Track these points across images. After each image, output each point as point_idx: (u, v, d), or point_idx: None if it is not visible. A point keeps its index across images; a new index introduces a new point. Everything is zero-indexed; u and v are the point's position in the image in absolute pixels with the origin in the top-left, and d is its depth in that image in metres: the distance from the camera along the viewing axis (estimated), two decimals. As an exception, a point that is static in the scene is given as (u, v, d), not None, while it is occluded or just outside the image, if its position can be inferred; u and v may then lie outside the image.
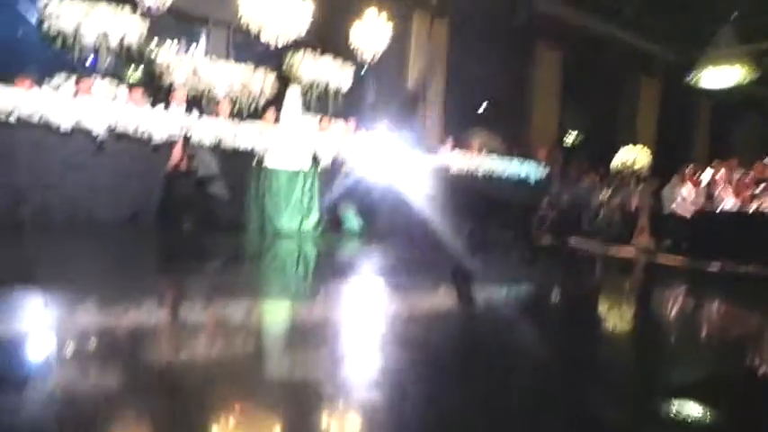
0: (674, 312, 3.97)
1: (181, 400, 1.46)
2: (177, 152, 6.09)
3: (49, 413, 1.30)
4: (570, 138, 14.24)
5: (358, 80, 9.90)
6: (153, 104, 6.97)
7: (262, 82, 8.74)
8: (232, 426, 1.36)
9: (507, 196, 8.50)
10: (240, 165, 6.78)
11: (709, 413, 1.76)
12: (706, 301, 4.66)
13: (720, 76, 10.51)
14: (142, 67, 8.76)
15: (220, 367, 1.78)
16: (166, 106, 6.98)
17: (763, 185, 8.01)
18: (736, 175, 8.70)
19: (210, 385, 1.59)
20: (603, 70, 12.63)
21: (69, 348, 1.82)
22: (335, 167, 7.41)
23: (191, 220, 6.04)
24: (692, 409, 1.78)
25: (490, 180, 8.99)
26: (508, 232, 6.98)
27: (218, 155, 6.52)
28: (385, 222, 7.01)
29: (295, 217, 6.09)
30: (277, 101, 8.24)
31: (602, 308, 3.99)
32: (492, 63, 10.71)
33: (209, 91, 8.31)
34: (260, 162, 6.55)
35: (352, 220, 6.92)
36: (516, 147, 10.50)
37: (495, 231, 6.57)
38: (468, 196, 6.08)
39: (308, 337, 2.33)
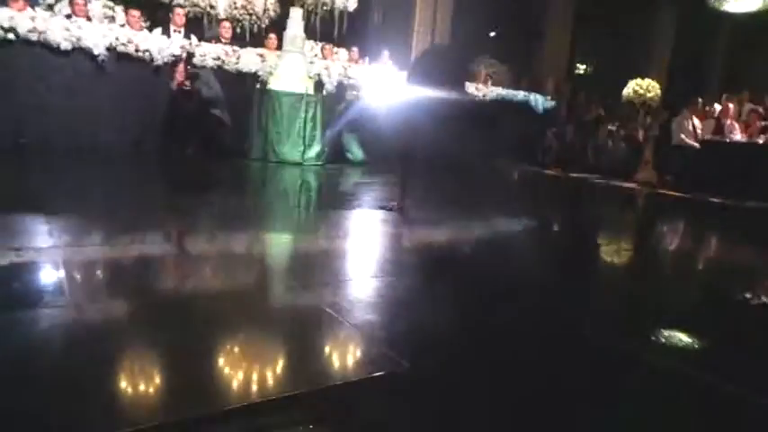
0: (662, 240, 4.05)
1: (188, 326, 1.55)
2: (180, 71, 6.00)
3: (55, 342, 1.38)
4: (582, 67, 13.85)
5: (365, 2, 9.53)
6: (151, 26, 6.79)
7: (264, 3, 8.45)
8: (240, 345, 1.44)
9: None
10: (242, 90, 6.69)
11: (698, 338, 1.85)
12: (697, 232, 4.73)
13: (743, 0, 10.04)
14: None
15: (225, 296, 1.86)
16: (165, 28, 6.80)
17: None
18: (747, 109, 8.54)
19: (217, 313, 1.67)
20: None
21: (75, 276, 1.90)
22: (339, 95, 7.30)
23: (193, 144, 6.06)
24: (681, 333, 1.87)
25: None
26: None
27: (219, 78, 6.43)
28: (388, 151, 6.98)
29: (298, 145, 6.06)
30: (279, 23, 8.02)
31: (596, 237, 4.05)
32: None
33: (209, 11, 8.07)
34: (263, 86, 6.45)
35: (355, 150, 6.90)
36: (524, 77, 10.27)
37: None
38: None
39: (310, 264, 2.41)
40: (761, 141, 7.45)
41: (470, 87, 8.84)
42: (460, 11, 10.56)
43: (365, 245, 2.80)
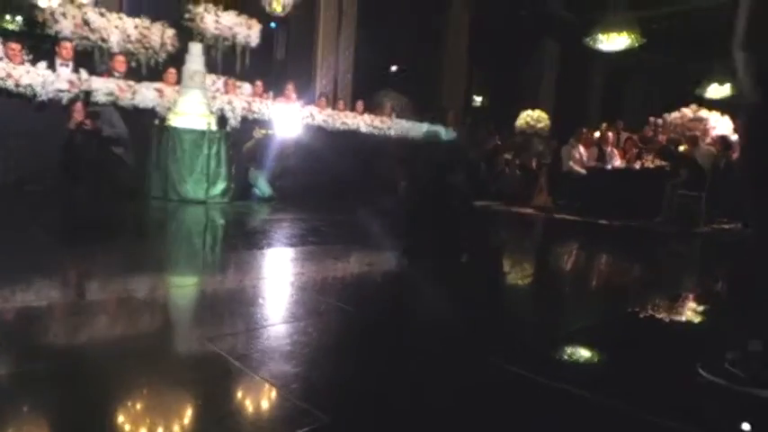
0: (560, 259, 4.33)
1: (85, 384, 1.43)
2: (79, 110, 5.62)
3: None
4: (478, 99, 14.66)
5: (267, 37, 9.53)
6: (35, 60, 6.35)
7: (160, 37, 8.20)
8: (141, 408, 1.35)
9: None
10: (140, 126, 6.40)
11: (593, 354, 1.97)
12: (592, 251, 5.11)
13: (613, 40, 11.16)
14: (20, 15, 7.92)
15: (126, 347, 1.74)
16: (51, 62, 6.39)
17: (646, 146, 8.77)
18: (623, 137, 9.44)
19: (116, 367, 1.56)
20: (510, 32, 12.99)
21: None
22: (244, 131, 7.18)
23: (87, 184, 5.68)
24: (578, 351, 1.98)
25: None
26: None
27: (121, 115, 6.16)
28: (296, 187, 6.94)
29: (201, 183, 5.86)
30: (178, 58, 7.82)
31: (503, 258, 4.25)
32: (403, 24, 10.70)
33: (100, 45, 7.70)
34: (162, 123, 6.21)
35: (263, 186, 6.78)
36: (427, 110, 10.69)
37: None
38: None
39: (217, 312, 2.32)
40: (637, 167, 8.24)
41: (376, 119, 9.04)
42: (363, 45, 10.86)
43: (275, 287, 2.74)
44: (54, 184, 5.67)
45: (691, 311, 2.86)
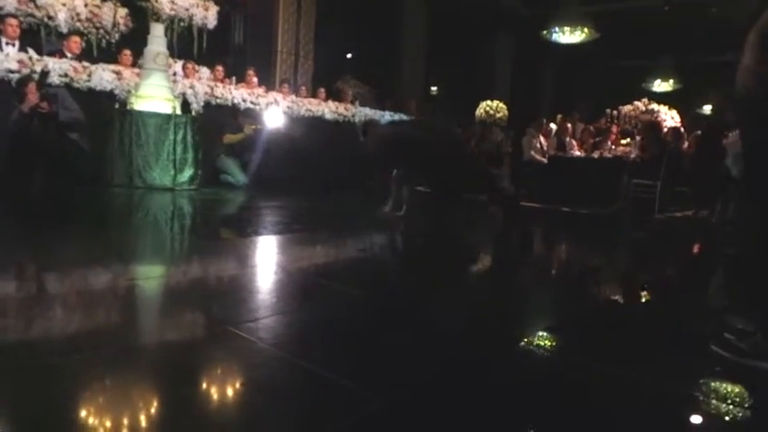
0: (553, 245, 4.44)
1: (48, 378, 1.32)
2: (33, 91, 5.20)
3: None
4: (434, 89, 14.75)
5: (224, 20, 9.20)
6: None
7: (112, 16, 7.75)
8: (107, 405, 1.24)
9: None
10: (95, 110, 6.04)
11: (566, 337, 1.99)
12: (574, 238, 5.27)
13: (568, 34, 11.46)
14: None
15: (93, 341, 1.61)
16: (-5, 40, 5.92)
17: (601, 138, 9.09)
18: (579, 128, 9.74)
19: (83, 362, 1.43)
20: (466, 24, 13.10)
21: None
22: (209, 117, 6.92)
23: (42, 172, 5.30)
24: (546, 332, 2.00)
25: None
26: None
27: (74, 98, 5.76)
28: (267, 173, 6.76)
29: (168, 169, 5.61)
30: (132, 38, 7.42)
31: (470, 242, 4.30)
32: (363, 11, 10.60)
33: (46, 23, 7.19)
34: (123, 107, 5.88)
35: (236, 173, 6.56)
36: (388, 99, 10.65)
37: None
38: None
39: (185, 299, 2.18)
40: (595, 156, 8.53)
41: (338, 107, 8.92)
42: (322, 31, 10.67)
43: (240, 275, 2.61)
44: (5, 171, 5.25)
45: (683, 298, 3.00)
